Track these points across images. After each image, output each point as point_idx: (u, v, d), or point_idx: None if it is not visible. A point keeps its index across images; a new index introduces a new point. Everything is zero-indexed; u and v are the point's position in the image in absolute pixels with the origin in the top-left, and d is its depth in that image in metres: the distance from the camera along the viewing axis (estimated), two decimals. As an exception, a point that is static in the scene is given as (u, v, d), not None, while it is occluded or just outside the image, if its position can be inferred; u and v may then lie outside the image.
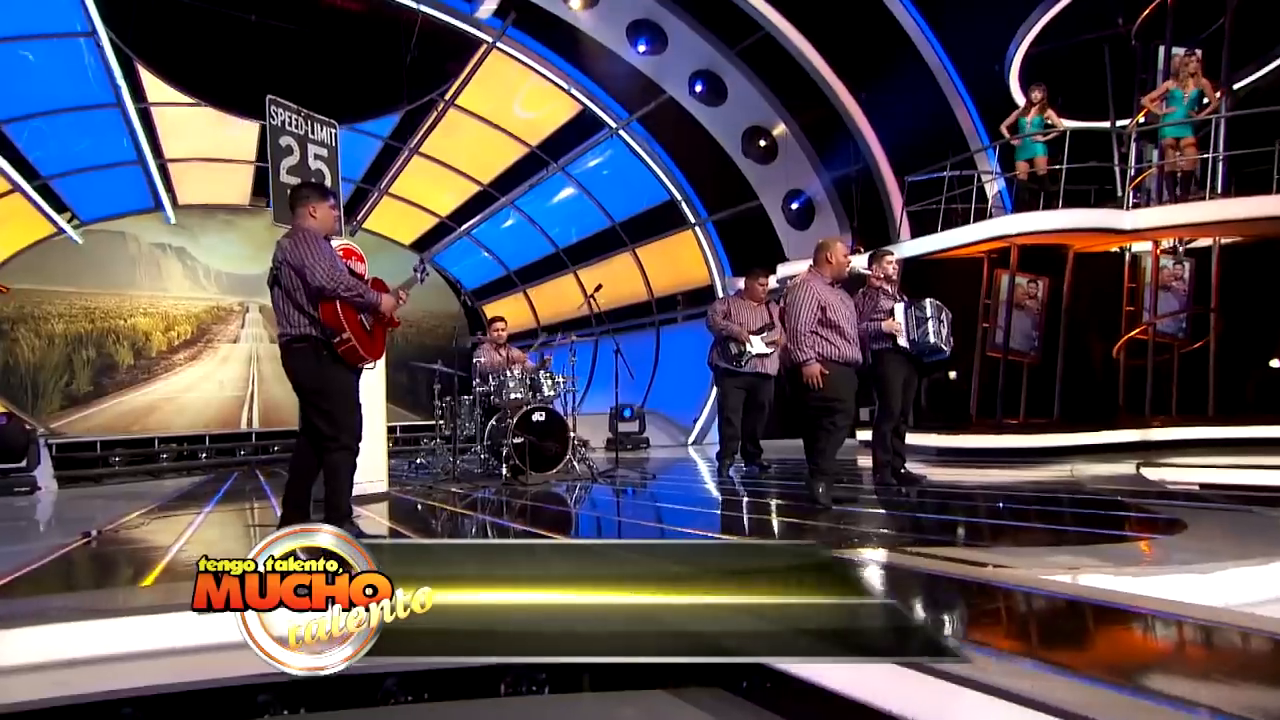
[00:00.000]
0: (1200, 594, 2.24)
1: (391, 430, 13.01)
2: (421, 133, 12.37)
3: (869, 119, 11.02)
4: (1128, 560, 2.75)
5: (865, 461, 7.80)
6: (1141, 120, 8.58)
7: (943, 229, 8.92)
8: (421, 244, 14.90)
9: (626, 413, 11.53)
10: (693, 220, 12.86)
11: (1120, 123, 8.96)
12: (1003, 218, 8.47)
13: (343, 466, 3.71)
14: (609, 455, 10.14)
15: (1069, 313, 8.44)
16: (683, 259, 13.22)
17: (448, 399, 7.09)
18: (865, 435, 9.21)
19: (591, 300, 7.41)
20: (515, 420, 6.62)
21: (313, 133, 4.89)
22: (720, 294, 12.49)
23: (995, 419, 8.37)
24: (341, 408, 3.72)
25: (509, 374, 6.92)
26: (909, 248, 9.44)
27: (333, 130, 5.04)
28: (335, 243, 4.86)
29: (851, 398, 4.52)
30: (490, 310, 16.40)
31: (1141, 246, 8.69)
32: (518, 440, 6.58)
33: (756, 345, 6.47)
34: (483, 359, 7.16)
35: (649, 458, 10.03)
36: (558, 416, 6.86)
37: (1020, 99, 9.68)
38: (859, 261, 5.16)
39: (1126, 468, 6.12)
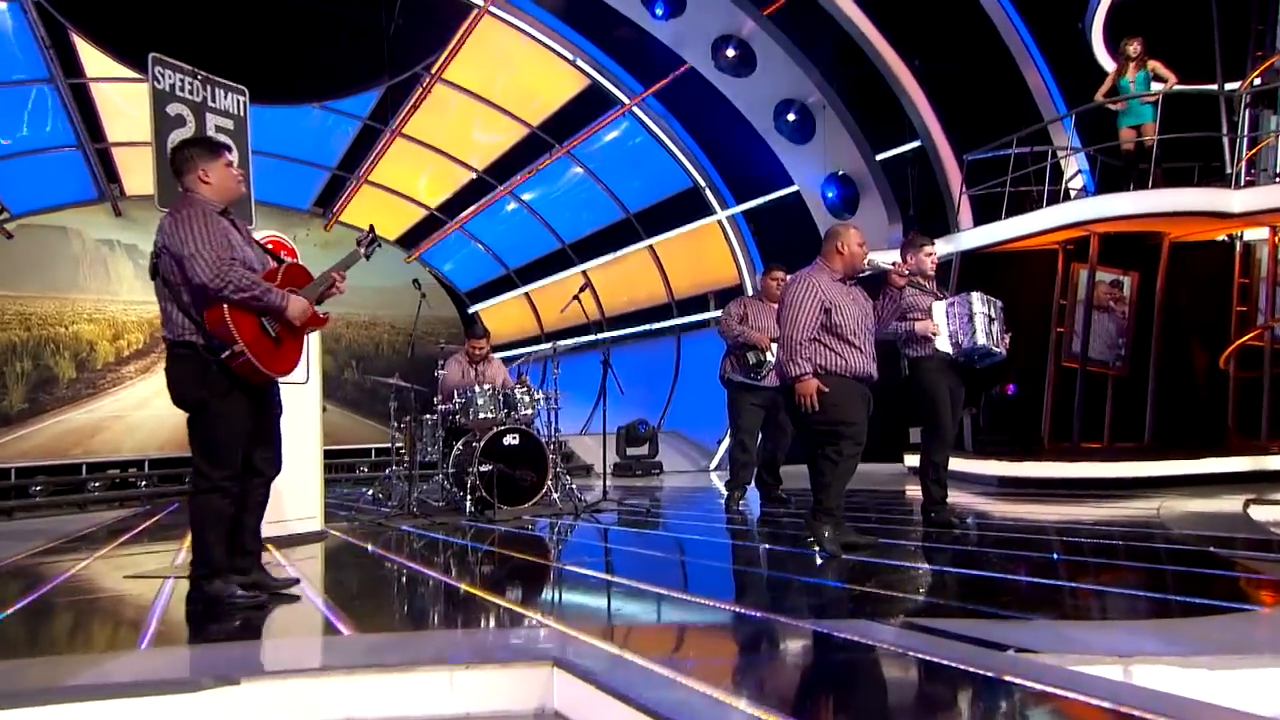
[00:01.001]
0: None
1: (364, 454, 13.13)
2: (405, 111, 12.24)
3: (923, 88, 10.58)
4: (1204, 644, 2.28)
5: (915, 490, 7.44)
6: (1257, 81, 8.01)
7: (1008, 215, 8.47)
8: (409, 239, 14.90)
9: (642, 428, 11.23)
10: (718, 210, 12.61)
11: (1230, 85, 8.38)
12: (1081, 201, 8.02)
13: (207, 515, 3.33)
14: (615, 483, 9.91)
15: (1164, 314, 7.95)
16: (707, 254, 12.93)
17: (407, 418, 6.83)
18: (916, 460, 8.77)
19: (578, 301, 7.07)
20: (483, 444, 6.33)
21: (213, 100, 4.63)
22: (750, 294, 12.16)
23: (1072, 443, 7.89)
24: (221, 436, 3.35)
25: (477, 390, 6.64)
26: (969, 238, 9.01)
27: (241, 98, 4.79)
28: (260, 234, 4.60)
29: (862, 418, 4.11)
30: (489, 315, 16.36)
31: (1255, 234, 8.13)
32: (485, 468, 6.29)
33: (777, 354, 6.13)
34: (447, 372, 6.87)
35: (661, 486, 9.70)
36: (534, 439, 6.57)
37: (1105, 60, 9.14)
38: (883, 256, 4.74)
39: (1231, 504, 5.62)
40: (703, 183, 12.62)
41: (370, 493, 7.74)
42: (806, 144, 11.35)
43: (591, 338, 7.74)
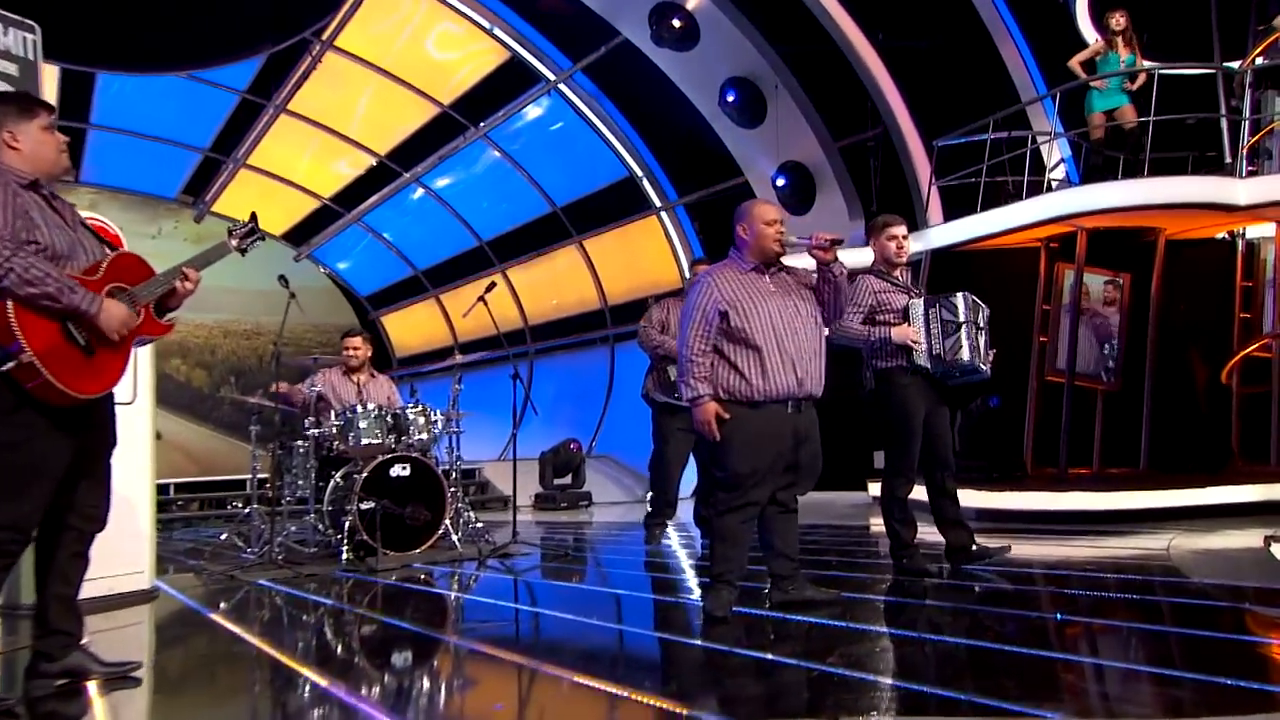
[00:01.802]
0: None
1: (239, 485, 12.29)
2: (291, 84, 11.65)
3: (888, 66, 10.36)
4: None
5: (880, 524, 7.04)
6: (1259, 60, 7.86)
7: (984, 208, 8.25)
8: (298, 233, 14.39)
9: (569, 453, 10.68)
10: (658, 203, 12.28)
11: (1229, 64, 8.25)
12: (1067, 191, 7.80)
13: None
14: (536, 517, 9.34)
15: (1159, 321, 7.72)
16: (645, 254, 12.61)
17: (272, 445, 6.18)
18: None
19: (485, 304, 6.53)
20: (365, 475, 5.74)
21: (-14, 33, 3.94)
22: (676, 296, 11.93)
23: (1059, 468, 7.59)
24: (4, 475, 2.77)
25: (359, 410, 6.03)
26: (939, 234, 8.74)
27: (30, 36, 4.11)
28: (86, 212, 3.96)
29: (762, 466, 3.54)
30: (394, 324, 15.68)
31: (1260, 230, 8.01)
32: (367, 505, 5.69)
33: None
34: (318, 388, 6.23)
35: (589, 520, 9.21)
36: (429, 470, 6.03)
37: (1089, 33, 8.98)
38: (846, 256, 4.17)
39: (1247, 539, 5.34)
40: (640, 172, 12.29)
41: (225, 535, 7.01)
42: (757, 129, 11.02)
43: (508, 350, 7.24)
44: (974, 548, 4.53)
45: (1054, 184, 8.97)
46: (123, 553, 4.78)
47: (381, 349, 15.72)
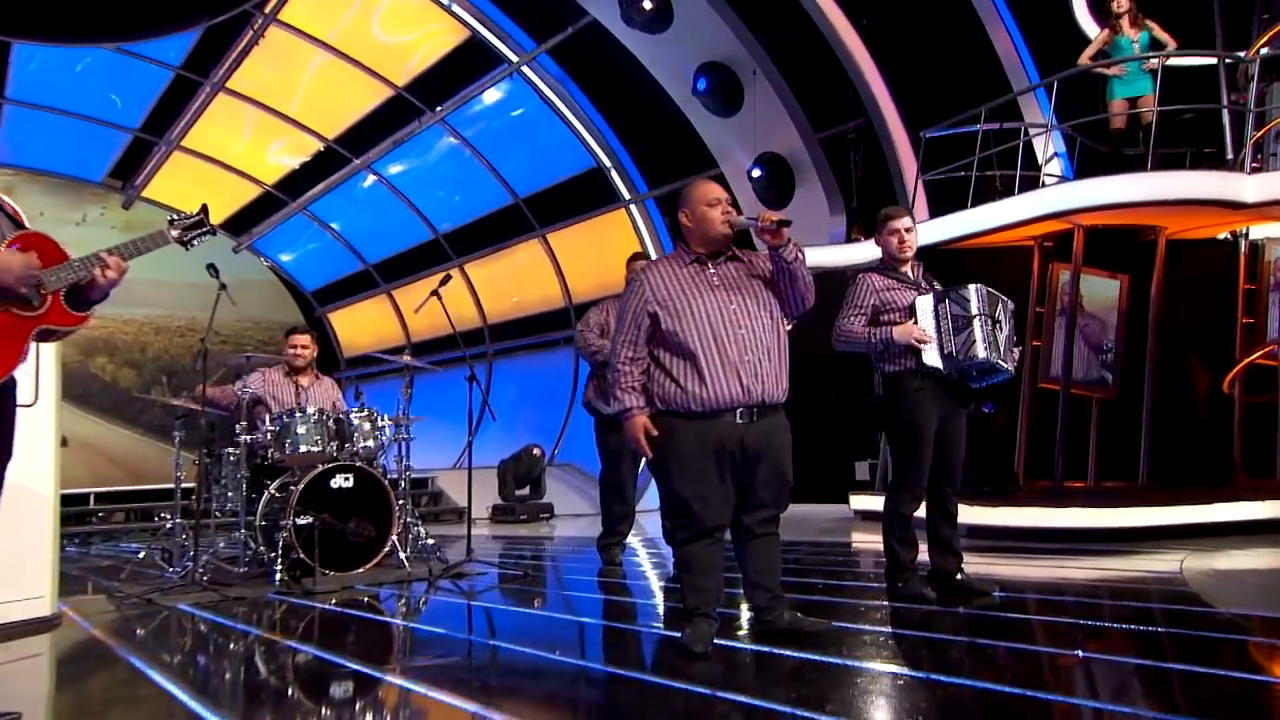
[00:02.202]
0: None
1: (168, 495, 11.82)
2: (231, 60, 11.42)
3: (872, 54, 10.25)
4: None
5: (864, 542, 6.83)
6: (1264, 50, 7.75)
7: (974, 204, 8.04)
8: (238, 222, 14.24)
9: (529, 460, 10.37)
10: (627, 195, 12.26)
11: (1233, 53, 8.14)
12: (1064, 186, 7.62)
13: None
14: (494, 531, 9.01)
15: (1160, 326, 7.56)
16: (613, 249, 12.51)
17: (199, 452, 5.79)
18: (863, 503, 8.22)
19: (438, 298, 6.21)
20: (303, 486, 5.43)
21: None
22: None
23: (1055, 481, 7.42)
24: None
25: (298, 414, 5.68)
26: (927, 232, 8.50)
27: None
28: None
29: (707, 487, 3.23)
30: (342, 321, 15.38)
31: (1264, 230, 7.91)
32: (304, 520, 5.36)
33: None
34: (251, 389, 5.85)
35: (551, 535, 8.91)
36: (375, 481, 5.71)
37: (1085, 21, 8.84)
38: (824, 253, 3.77)
39: (1262, 560, 5.19)
40: (608, 162, 12.24)
41: (144, 553, 6.61)
42: (733, 117, 10.89)
43: (465, 351, 6.94)
44: (959, 577, 4.27)
45: (1047, 180, 8.83)
46: (18, 576, 4.43)
47: (328, 348, 15.42)
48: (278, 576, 5.33)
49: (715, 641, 3.32)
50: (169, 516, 6.49)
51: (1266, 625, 3.69)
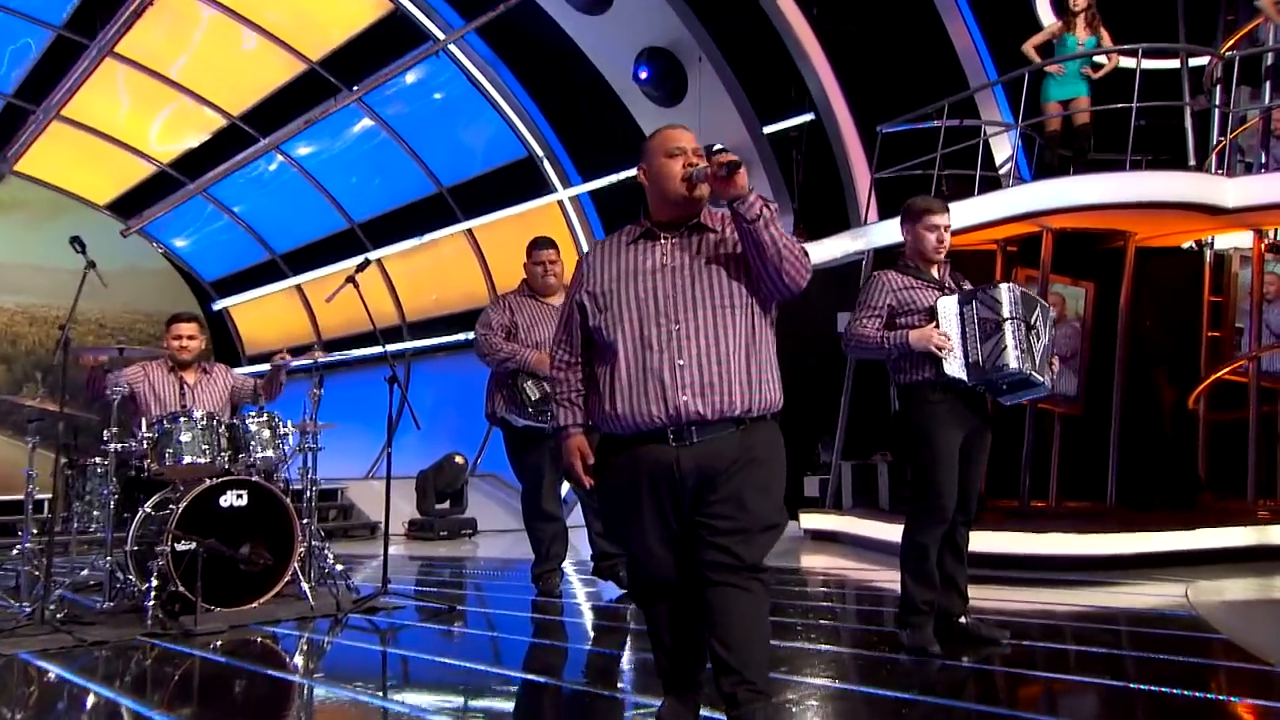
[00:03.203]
0: None
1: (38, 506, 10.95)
2: (121, 21, 10.57)
3: (823, 44, 9.98)
4: None
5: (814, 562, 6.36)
6: (1229, 50, 7.54)
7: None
8: (127, 203, 13.38)
9: (451, 471, 9.61)
10: (560, 188, 11.80)
11: (1196, 61, 7.96)
12: (1034, 185, 7.29)
13: None
14: (410, 551, 8.27)
15: (1129, 337, 7.26)
16: None
17: (60, 462, 4.93)
18: (815, 522, 7.74)
19: (355, 285, 5.48)
20: (185, 505, 4.66)
21: None
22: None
23: (1021, 501, 7.05)
24: None
25: (182, 419, 4.89)
26: (880, 232, 8.26)
27: None
28: None
29: (646, 524, 2.53)
30: (246, 314, 14.90)
31: (1229, 240, 7.70)
32: (185, 545, 4.58)
33: None
34: (121, 387, 5.02)
35: (474, 555, 8.26)
36: (274, 498, 4.95)
37: (1047, 18, 8.62)
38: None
39: (1266, 589, 4.91)
40: (540, 152, 11.78)
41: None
42: (675, 108, 10.45)
43: (383, 349, 6.28)
44: (964, 620, 3.79)
45: (1007, 181, 8.55)
46: None
47: (229, 343, 14.52)
48: (150, 614, 4.50)
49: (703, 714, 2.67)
50: (21, 535, 5.57)
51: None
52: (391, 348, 12.48)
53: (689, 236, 2.58)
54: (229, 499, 4.81)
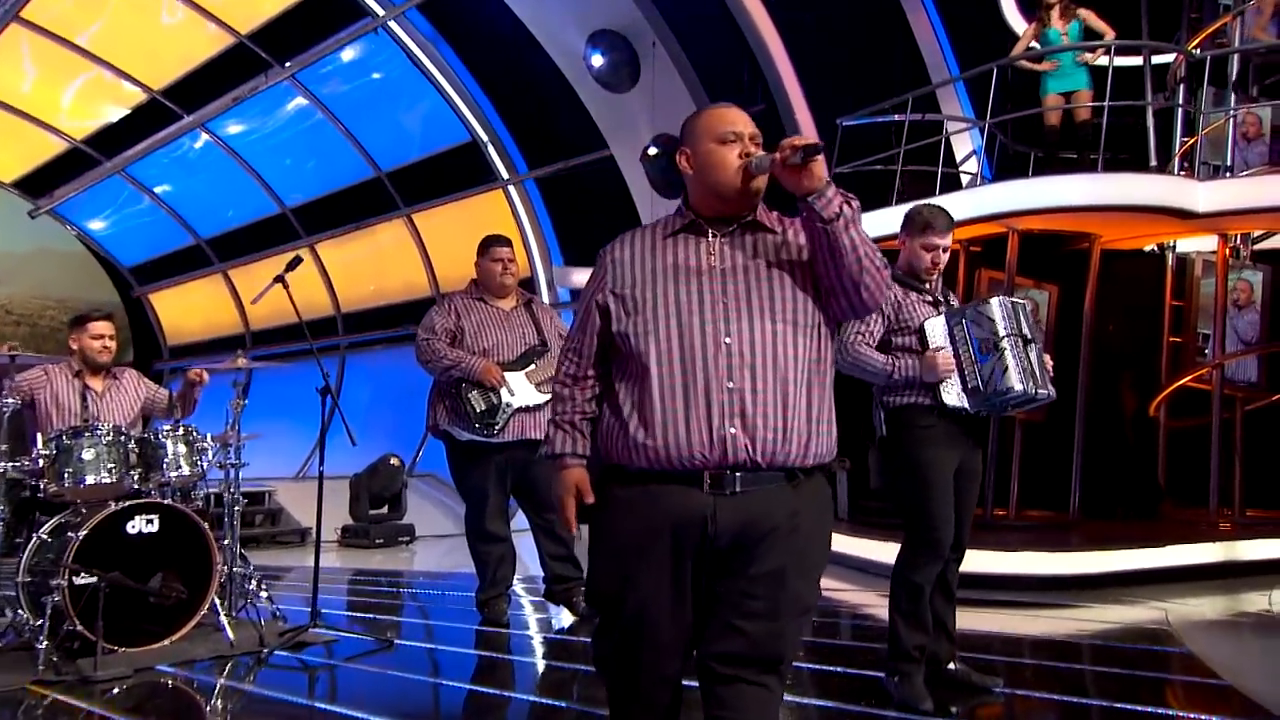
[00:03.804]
0: None
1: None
2: None
3: (781, 33, 9.78)
4: None
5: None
6: (1196, 51, 7.43)
7: (898, 203, 7.43)
8: (37, 181, 12.88)
9: (386, 474, 9.16)
10: (505, 175, 11.47)
11: (1160, 58, 7.84)
12: (1002, 185, 7.14)
13: None
14: (342, 562, 7.81)
15: (1093, 341, 7.14)
16: (487, 232, 11.60)
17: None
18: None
19: (284, 284, 4.99)
20: (86, 533, 4.18)
21: None
22: (539, 290, 11.01)
23: (984, 511, 6.86)
24: None
25: (86, 434, 4.42)
26: None
27: None
28: None
29: (651, 590, 2.04)
30: (167, 304, 14.51)
31: (1190, 244, 7.63)
32: (85, 579, 4.11)
33: (521, 391, 4.72)
34: (12, 400, 4.52)
35: (410, 567, 7.85)
36: (189, 523, 4.49)
37: (1012, 15, 8.49)
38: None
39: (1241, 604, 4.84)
40: (485, 137, 11.43)
41: None
42: (628, 94, 10.26)
43: (313, 343, 5.84)
44: (952, 666, 3.55)
45: (965, 179, 8.39)
46: None
47: (149, 335, 13.89)
48: (43, 656, 4.01)
49: None
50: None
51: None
52: (325, 342, 12.05)
53: (743, 235, 2.14)
54: (137, 524, 4.32)
